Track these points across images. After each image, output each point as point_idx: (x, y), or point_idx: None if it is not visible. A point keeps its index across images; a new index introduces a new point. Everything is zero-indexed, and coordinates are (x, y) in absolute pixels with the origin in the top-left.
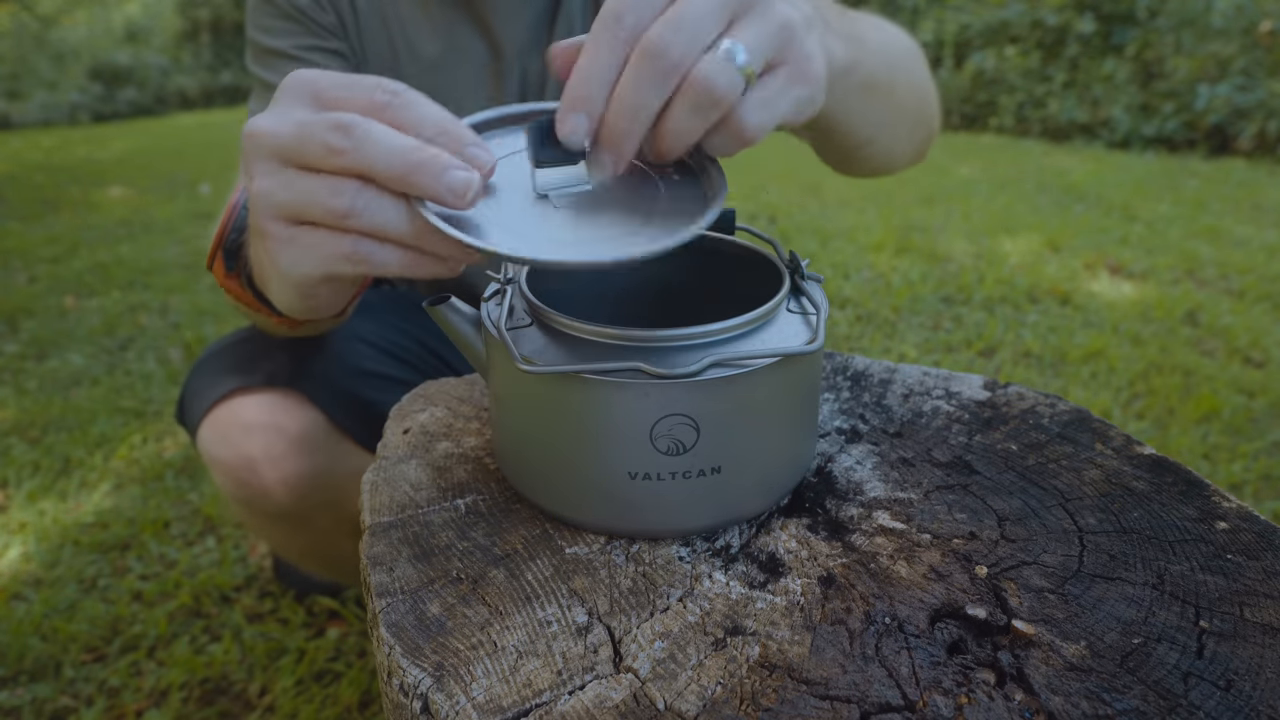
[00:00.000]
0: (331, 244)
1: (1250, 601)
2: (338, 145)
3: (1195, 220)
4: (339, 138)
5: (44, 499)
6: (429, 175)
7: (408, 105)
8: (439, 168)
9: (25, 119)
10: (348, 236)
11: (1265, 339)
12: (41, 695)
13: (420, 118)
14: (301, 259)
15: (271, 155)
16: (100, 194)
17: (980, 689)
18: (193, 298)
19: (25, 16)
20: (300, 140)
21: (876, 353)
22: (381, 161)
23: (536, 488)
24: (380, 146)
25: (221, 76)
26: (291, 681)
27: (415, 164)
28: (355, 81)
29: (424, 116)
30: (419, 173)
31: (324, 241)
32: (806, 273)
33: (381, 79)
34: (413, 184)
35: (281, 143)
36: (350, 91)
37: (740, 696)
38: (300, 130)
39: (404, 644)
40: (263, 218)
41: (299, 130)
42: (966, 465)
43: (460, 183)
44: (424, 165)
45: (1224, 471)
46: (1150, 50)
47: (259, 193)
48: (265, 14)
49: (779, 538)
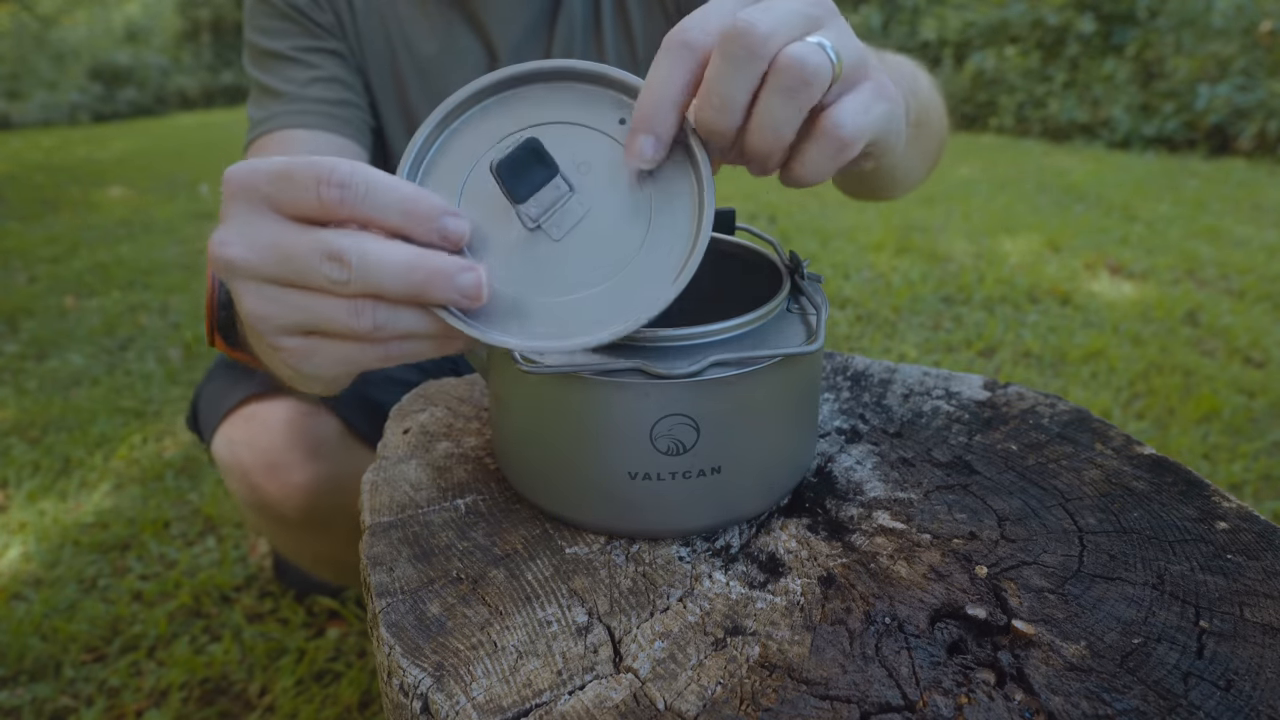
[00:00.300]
0: (361, 352)
1: (1250, 601)
2: (339, 277)
3: (1195, 220)
4: (337, 270)
5: (44, 499)
6: (439, 289)
7: (362, 196)
8: (446, 276)
9: (25, 119)
10: (378, 344)
11: (1265, 339)
12: (41, 695)
13: (382, 204)
14: (329, 365)
15: (256, 279)
16: (100, 194)
17: (980, 689)
18: (193, 298)
19: (25, 16)
20: (293, 270)
21: (876, 353)
22: (388, 285)
23: (536, 488)
24: (382, 271)
25: (222, 76)
26: (291, 681)
27: (423, 282)
28: (293, 177)
29: (386, 202)
30: (429, 288)
31: (353, 351)
32: (806, 273)
33: (319, 168)
34: (426, 300)
35: (266, 271)
36: (295, 194)
37: (740, 696)
38: (287, 261)
39: (404, 644)
40: (269, 336)
41: (284, 260)
42: (966, 465)
43: (472, 286)
44: (431, 280)
45: (1224, 471)
46: (1150, 50)
47: (257, 316)
48: (263, 14)
49: (779, 538)
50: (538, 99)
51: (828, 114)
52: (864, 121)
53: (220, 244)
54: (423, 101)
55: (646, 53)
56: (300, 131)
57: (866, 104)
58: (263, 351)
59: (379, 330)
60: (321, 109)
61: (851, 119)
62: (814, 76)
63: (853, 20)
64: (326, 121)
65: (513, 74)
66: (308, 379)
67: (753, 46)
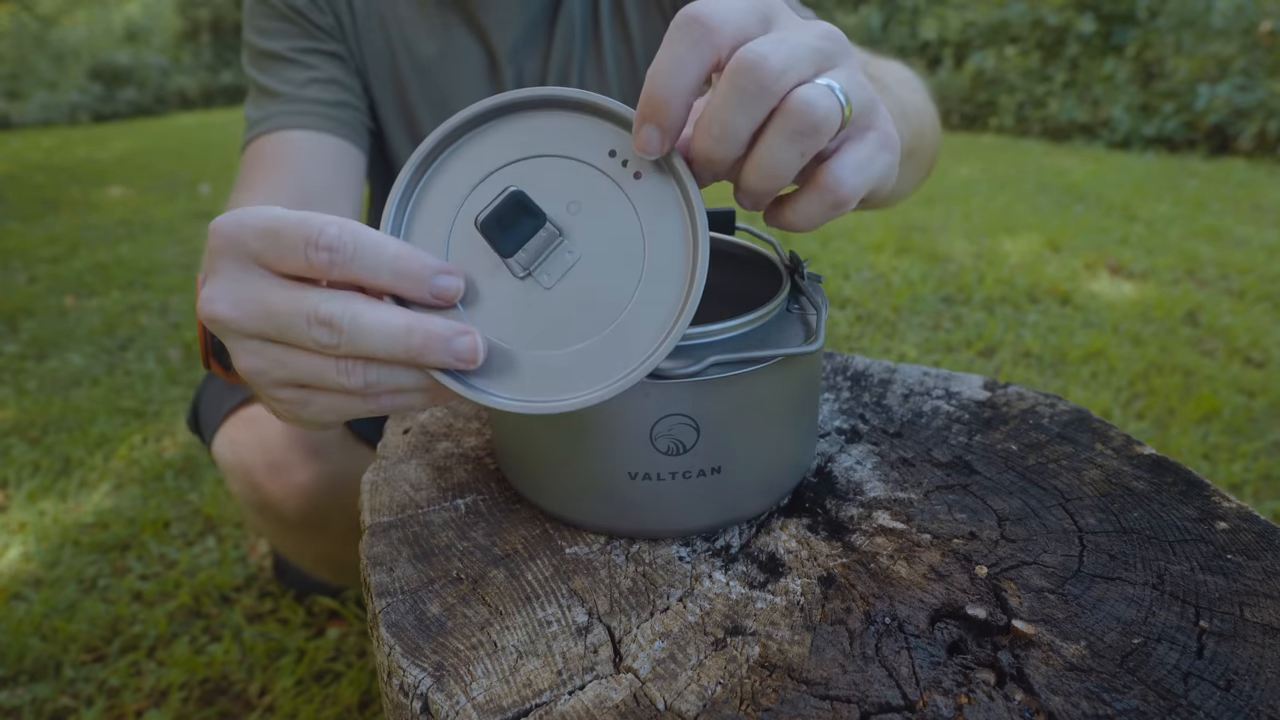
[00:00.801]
0: (353, 404)
1: (1250, 601)
2: (328, 341)
3: (1195, 220)
4: (326, 334)
5: (44, 499)
6: (434, 354)
7: (351, 257)
8: (442, 341)
9: (25, 119)
10: (370, 398)
11: (1265, 339)
12: (41, 695)
13: (372, 266)
14: (323, 414)
15: (248, 337)
16: (100, 194)
17: (980, 689)
18: (193, 298)
19: (25, 16)
20: (279, 330)
21: (876, 353)
22: (380, 350)
23: (536, 488)
24: (374, 336)
25: (221, 76)
26: (291, 681)
27: (418, 348)
28: (280, 238)
29: (376, 263)
30: (424, 354)
31: (345, 403)
32: (806, 273)
33: (308, 228)
34: (420, 364)
35: (254, 329)
36: (284, 255)
37: (740, 696)
38: (273, 321)
39: (404, 644)
40: (265, 388)
41: (271, 321)
42: (966, 465)
43: (467, 350)
44: (426, 346)
45: (1224, 471)
46: (1150, 50)
47: (251, 372)
48: (262, 15)
49: (779, 538)
50: (523, 129)
51: (829, 168)
52: (864, 177)
53: (208, 300)
54: (422, 103)
55: (644, 54)
56: (297, 133)
57: (869, 157)
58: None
59: (370, 388)
60: (319, 110)
61: (852, 175)
62: (823, 123)
63: (852, 20)
64: (323, 123)
65: (495, 104)
66: (305, 423)
67: (764, 82)
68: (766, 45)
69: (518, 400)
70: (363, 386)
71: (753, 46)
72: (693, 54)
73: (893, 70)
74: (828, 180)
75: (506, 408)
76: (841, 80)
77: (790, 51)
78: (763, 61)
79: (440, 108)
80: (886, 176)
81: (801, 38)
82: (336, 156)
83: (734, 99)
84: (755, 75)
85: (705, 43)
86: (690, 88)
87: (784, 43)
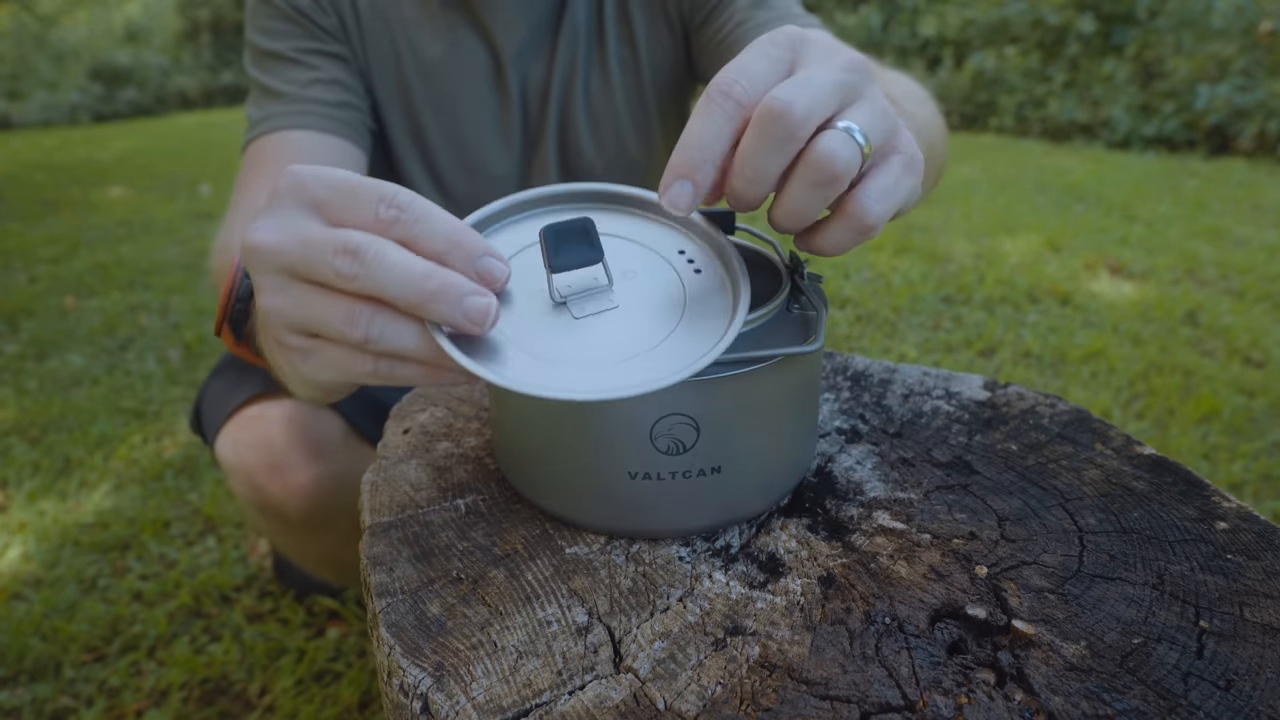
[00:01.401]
0: (352, 361)
1: (1250, 601)
2: (346, 271)
3: (1195, 220)
4: (347, 263)
5: (44, 499)
6: (445, 304)
7: (416, 220)
8: (456, 295)
9: (25, 119)
10: (368, 357)
11: (1265, 339)
12: (41, 695)
13: (431, 231)
14: (322, 370)
15: (277, 271)
16: (100, 194)
17: (980, 689)
18: (193, 298)
19: (25, 16)
20: (306, 260)
21: (876, 353)
22: (395, 288)
23: (536, 488)
24: (392, 274)
25: (222, 76)
26: (291, 681)
27: (431, 292)
28: (356, 192)
29: (434, 230)
30: (435, 301)
31: (344, 358)
32: (806, 273)
33: (384, 189)
34: (429, 312)
35: (287, 260)
36: (353, 206)
37: (740, 696)
38: (305, 249)
39: (404, 644)
40: (277, 330)
41: (304, 249)
42: (966, 465)
43: (478, 310)
44: (440, 294)
45: (1224, 471)
46: (1150, 50)
47: (269, 309)
48: (265, 15)
49: (779, 538)
50: (600, 213)
51: (855, 197)
52: (890, 204)
53: (255, 230)
54: (426, 104)
55: (649, 58)
56: (298, 133)
57: (894, 183)
58: (268, 347)
59: (369, 343)
60: (321, 111)
61: (877, 204)
62: (844, 171)
63: (852, 20)
64: (325, 123)
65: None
66: (305, 382)
67: (790, 128)
68: (791, 91)
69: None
70: (363, 338)
71: (777, 95)
72: (726, 125)
73: (901, 84)
74: (854, 210)
75: (500, 383)
76: (864, 115)
77: (814, 94)
78: (788, 110)
79: (444, 109)
80: (910, 197)
81: (825, 77)
82: (338, 157)
83: (762, 146)
84: (782, 123)
85: (737, 114)
86: (724, 153)
87: (808, 85)
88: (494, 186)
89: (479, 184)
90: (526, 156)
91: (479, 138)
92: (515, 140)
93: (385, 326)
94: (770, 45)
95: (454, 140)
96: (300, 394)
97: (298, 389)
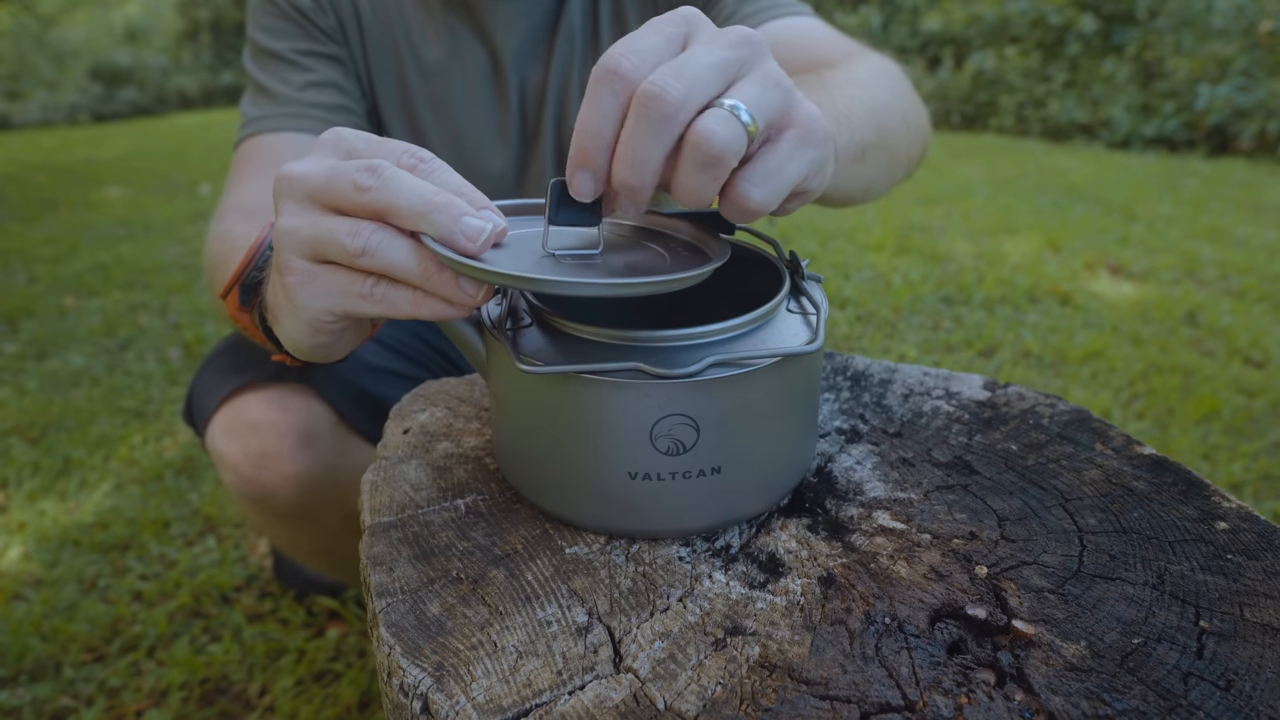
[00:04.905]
0: (348, 283)
1: (1250, 601)
2: (364, 183)
3: (1195, 220)
4: (367, 177)
5: (44, 499)
6: (446, 216)
7: (433, 171)
8: (457, 211)
9: (25, 119)
10: (366, 277)
11: (1265, 339)
12: (41, 695)
13: (445, 179)
14: (318, 295)
15: (301, 196)
16: (100, 194)
17: (980, 689)
18: (193, 298)
19: (25, 16)
20: (330, 179)
21: (876, 353)
22: (403, 198)
23: (536, 488)
24: (404, 187)
25: (221, 76)
26: (291, 681)
27: (434, 205)
28: (385, 143)
29: (447, 179)
30: (437, 212)
31: (342, 280)
32: (806, 273)
33: (409, 145)
34: (429, 222)
35: (312, 184)
36: (380, 152)
37: (740, 696)
38: (331, 171)
39: (404, 644)
40: (286, 253)
41: (330, 171)
42: (966, 465)
43: (473, 228)
44: (442, 207)
45: (1224, 471)
46: (1150, 50)
47: (284, 229)
48: (266, 13)
49: (779, 538)
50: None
51: (734, 182)
52: (775, 185)
53: (291, 164)
54: (426, 105)
55: None
56: (291, 135)
57: (782, 162)
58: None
59: (367, 252)
60: (315, 114)
61: (757, 188)
62: (725, 149)
63: (852, 20)
64: (319, 126)
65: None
66: (297, 313)
67: (666, 113)
68: (668, 75)
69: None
70: (362, 248)
71: (654, 78)
72: (614, 104)
73: (864, 65)
74: (733, 194)
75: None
76: (751, 91)
77: (692, 75)
78: (663, 93)
79: (444, 110)
80: (814, 173)
81: (707, 54)
82: None
83: (641, 130)
84: (658, 107)
85: (624, 92)
86: (613, 136)
87: (687, 65)
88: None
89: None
90: (523, 157)
91: (477, 138)
92: (512, 141)
93: (383, 240)
94: (665, 21)
95: (452, 140)
96: (290, 335)
97: (290, 326)
